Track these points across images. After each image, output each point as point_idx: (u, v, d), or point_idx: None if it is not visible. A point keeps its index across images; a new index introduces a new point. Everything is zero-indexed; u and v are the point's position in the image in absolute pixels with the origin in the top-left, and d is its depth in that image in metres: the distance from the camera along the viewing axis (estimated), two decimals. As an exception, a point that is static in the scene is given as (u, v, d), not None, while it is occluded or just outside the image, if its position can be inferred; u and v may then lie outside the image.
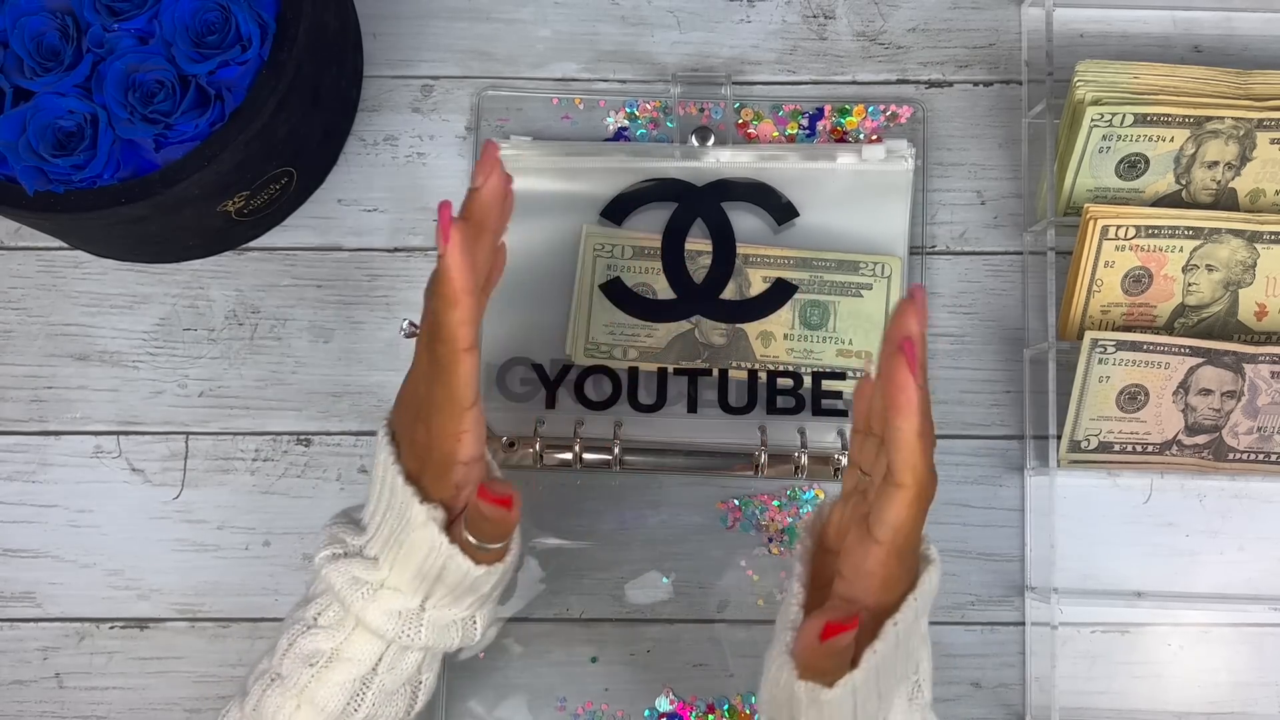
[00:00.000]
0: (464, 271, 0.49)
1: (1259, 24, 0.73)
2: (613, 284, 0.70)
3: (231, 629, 0.69)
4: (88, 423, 0.70)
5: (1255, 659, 0.68)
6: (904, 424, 0.47)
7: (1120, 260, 0.66)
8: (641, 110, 0.72)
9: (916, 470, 0.48)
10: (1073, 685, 0.68)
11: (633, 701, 0.68)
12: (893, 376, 0.47)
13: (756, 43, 0.73)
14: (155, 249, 0.70)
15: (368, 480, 0.56)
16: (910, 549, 0.51)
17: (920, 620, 0.52)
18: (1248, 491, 0.69)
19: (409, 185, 0.72)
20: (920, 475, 0.48)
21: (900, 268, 0.69)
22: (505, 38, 0.74)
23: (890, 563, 0.50)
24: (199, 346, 0.71)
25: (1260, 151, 0.66)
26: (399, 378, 0.70)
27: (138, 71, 0.61)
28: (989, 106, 0.73)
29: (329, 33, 0.66)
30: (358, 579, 0.53)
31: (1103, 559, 0.69)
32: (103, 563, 0.69)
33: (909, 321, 0.48)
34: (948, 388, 0.70)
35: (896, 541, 0.49)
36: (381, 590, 0.53)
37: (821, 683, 0.49)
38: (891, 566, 0.50)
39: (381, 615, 0.53)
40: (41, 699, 0.69)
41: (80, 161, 0.61)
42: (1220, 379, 0.65)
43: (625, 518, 0.69)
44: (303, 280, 0.71)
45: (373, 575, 0.53)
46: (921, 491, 0.49)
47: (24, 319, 0.71)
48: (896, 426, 0.47)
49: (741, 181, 0.71)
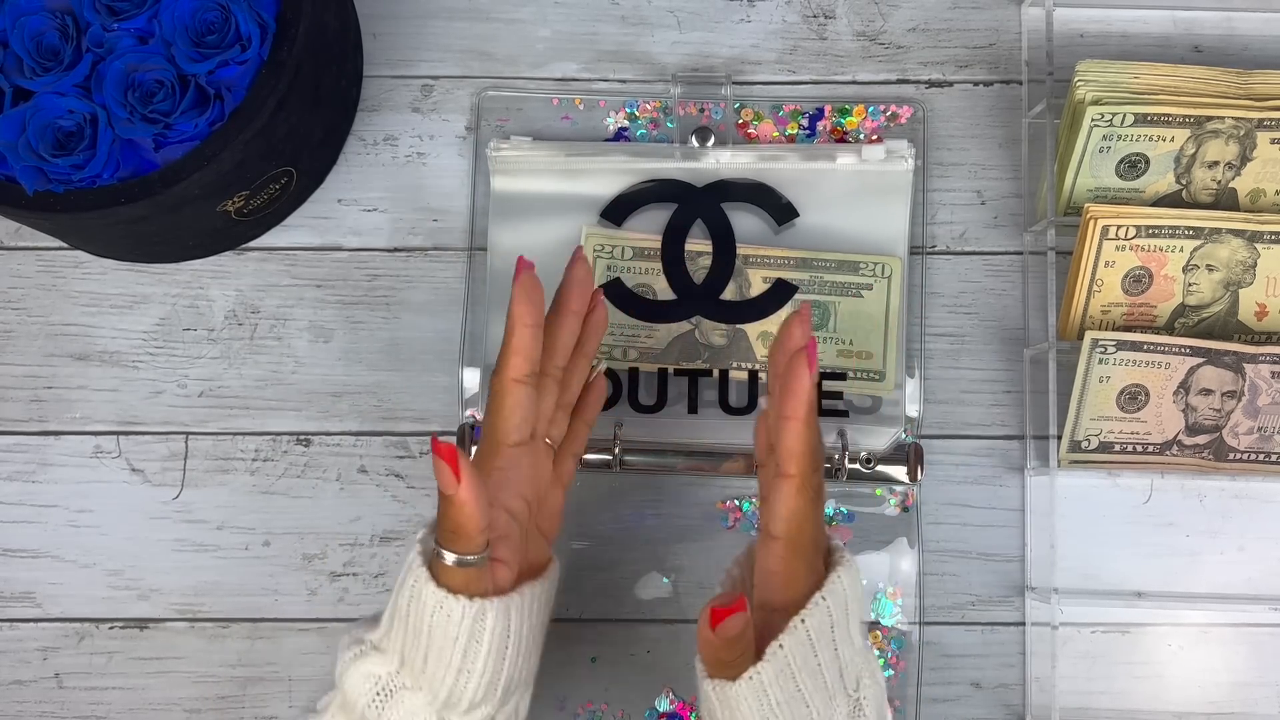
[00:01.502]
0: (478, 515, 0.49)
1: (1259, 24, 0.73)
2: (613, 285, 0.70)
3: (231, 629, 0.69)
4: (88, 423, 0.70)
5: (1255, 659, 0.68)
6: (793, 413, 0.50)
7: (1120, 260, 0.66)
8: (641, 110, 0.72)
9: (801, 459, 0.50)
10: (1073, 685, 0.68)
11: (633, 701, 0.68)
12: (792, 370, 0.51)
13: (756, 43, 0.73)
14: (155, 249, 0.70)
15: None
16: (807, 542, 0.52)
17: (848, 628, 0.51)
18: (1248, 491, 0.69)
19: (409, 185, 0.72)
20: (804, 464, 0.50)
21: (900, 268, 0.69)
22: (505, 38, 0.74)
23: (788, 557, 0.51)
24: (199, 346, 0.71)
25: (1260, 151, 0.66)
26: (399, 378, 0.70)
27: (137, 71, 0.61)
28: (989, 106, 0.73)
29: (329, 33, 0.66)
30: (370, 674, 0.51)
31: (1103, 559, 0.69)
32: (103, 563, 0.69)
33: (800, 331, 0.53)
34: (948, 388, 0.70)
35: (790, 533, 0.51)
36: (396, 694, 0.51)
37: (727, 678, 0.49)
38: (791, 562, 0.51)
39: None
40: (41, 699, 0.69)
41: (80, 161, 0.61)
42: (1220, 379, 0.65)
43: (625, 518, 0.69)
44: (303, 280, 0.71)
45: (382, 667, 0.51)
46: (806, 480, 0.50)
47: (24, 319, 0.71)
48: (786, 416, 0.50)
49: (741, 182, 0.71)
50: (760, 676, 0.48)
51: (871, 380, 0.69)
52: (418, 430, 0.70)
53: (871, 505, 0.69)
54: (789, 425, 0.50)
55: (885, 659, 0.67)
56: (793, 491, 0.50)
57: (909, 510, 0.69)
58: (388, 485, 0.70)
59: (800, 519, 0.51)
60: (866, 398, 0.69)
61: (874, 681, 0.53)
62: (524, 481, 0.56)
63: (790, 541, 0.51)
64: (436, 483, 0.49)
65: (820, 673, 0.50)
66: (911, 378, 0.70)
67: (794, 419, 0.50)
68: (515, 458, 0.55)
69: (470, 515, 0.49)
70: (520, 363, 0.54)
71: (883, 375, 0.69)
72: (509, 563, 0.54)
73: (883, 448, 0.68)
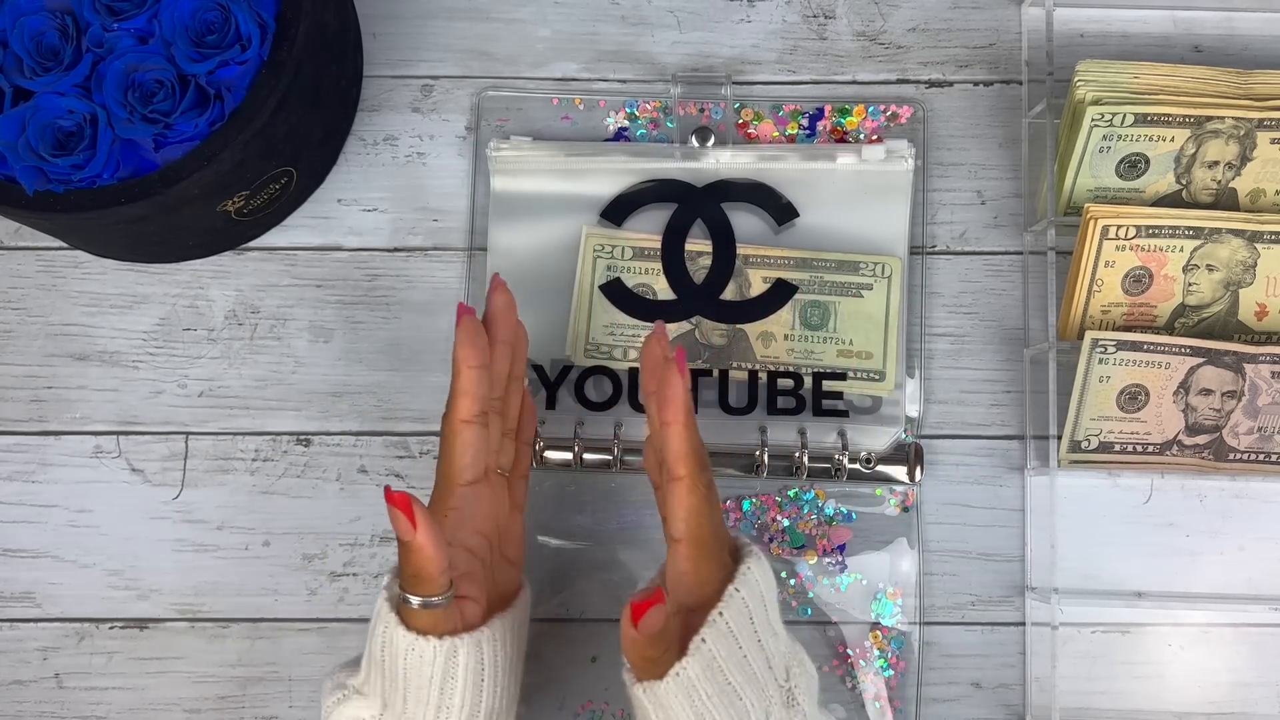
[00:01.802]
0: (437, 558, 0.51)
1: (1259, 24, 0.73)
2: (613, 284, 0.70)
3: (231, 629, 0.69)
4: (88, 423, 0.70)
5: (1255, 659, 0.68)
6: (672, 418, 0.52)
7: (1120, 260, 0.66)
8: (641, 110, 0.72)
9: (688, 459, 0.52)
10: (1073, 685, 0.68)
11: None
12: (665, 379, 0.52)
13: (756, 43, 0.73)
14: (155, 249, 0.70)
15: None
16: (711, 540, 0.53)
17: (767, 618, 0.52)
18: (1248, 491, 0.69)
19: (409, 185, 0.72)
20: (692, 464, 0.52)
21: (900, 268, 0.69)
22: (505, 38, 0.74)
23: (695, 556, 0.52)
24: (199, 346, 0.71)
25: (1261, 151, 0.66)
26: (399, 378, 0.70)
27: (137, 71, 0.61)
28: (989, 106, 0.73)
29: (329, 33, 0.66)
30: (354, 718, 0.54)
31: (1103, 559, 0.69)
32: (102, 563, 0.69)
33: (659, 346, 0.55)
34: (948, 388, 0.70)
35: (691, 532, 0.52)
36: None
37: (654, 677, 0.50)
38: (698, 560, 0.52)
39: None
40: (41, 699, 0.69)
41: (80, 161, 0.61)
42: (1221, 379, 0.65)
43: (625, 518, 0.69)
44: (303, 280, 0.71)
45: (366, 711, 0.53)
46: (696, 479, 0.52)
47: (24, 319, 0.71)
48: (666, 421, 0.52)
49: (741, 182, 0.71)
50: (687, 671, 0.49)
51: (871, 380, 0.69)
52: (418, 430, 0.70)
53: (871, 505, 0.69)
54: (671, 430, 0.52)
55: (885, 659, 0.67)
56: (685, 491, 0.52)
57: (909, 510, 0.69)
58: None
59: (698, 516, 0.52)
60: (866, 398, 0.69)
61: (803, 671, 0.54)
62: (482, 517, 0.58)
63: (693, 540, 0.52)
64: (393, 530, 0.51)
65: (747, 664, 0.51)
66: (911, 378, 0.70)
67: (674, 423, 0.52)
68: (470, 496, 0.57)
69: (429, 559, 0.50)
70: (469, 404, 0.56)
71: (883, 375, 0.69)
72: (476, 598, 0.55)
73: (883, 448, 0.68)
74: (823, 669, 0.67)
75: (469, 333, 0.56)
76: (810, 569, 0.68)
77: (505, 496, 0.61)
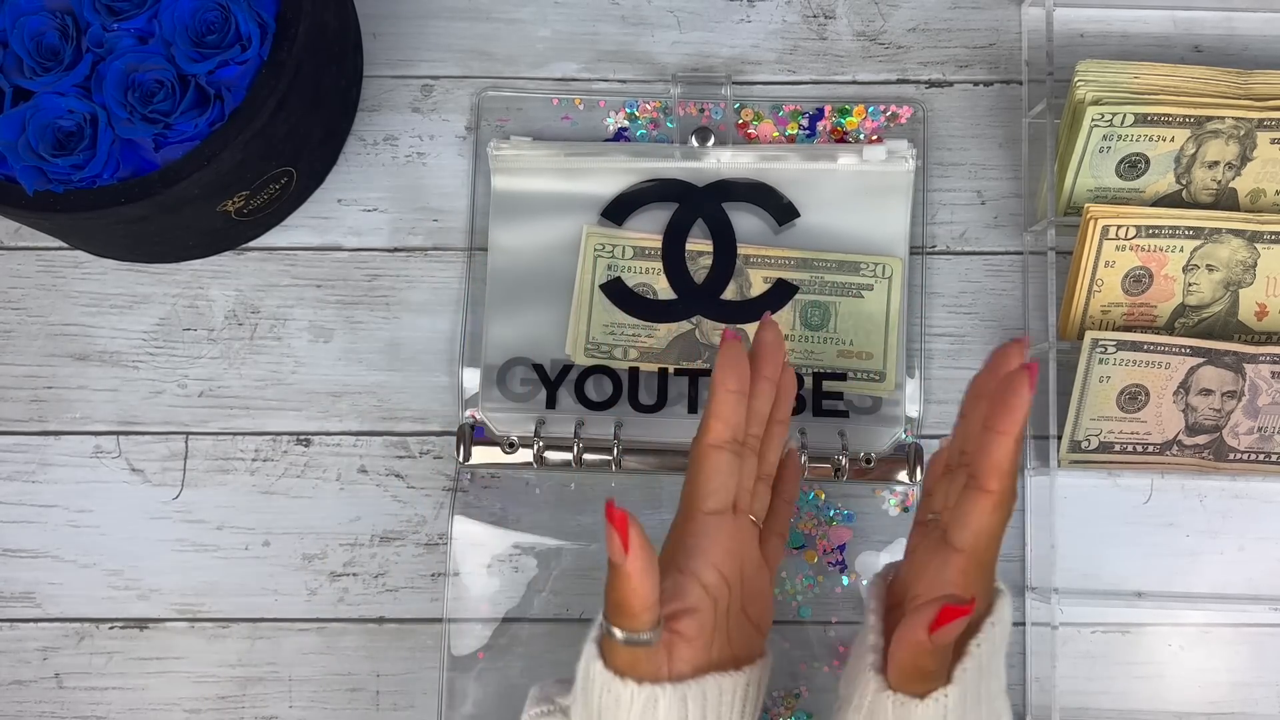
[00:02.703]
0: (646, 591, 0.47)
1: (1259, 24, 0.73)
2: (613, 284, 0.70)
3: (231, 629, 0.69)
4: (87, 423, 0.70)
5: (1255, 659, 0.68)
6: (1008, 429, 0.48)
7: (1120, 260, 0.66)
8: (641, 110, 0.72)
9: (1006, 477, 0.48)
10: (1073, 685, 0.68)
11: (633, 702, 0.68)
12: (1011, 384, 0.48)
13: (756, 43, 0.73)
14: (155, 249, 0.70)
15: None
16: (989, 561, 0.50)
17: (997, 660, 0.50)
18: (1248, 492, 0.69)
19: (409, 185, 0.72)
20: (1007, 482, 0.48)
21: (901, 268, 0.69)
22: (505, 38, 0.74)
23: (971, 571, 0.49)
24: (199, 346, 0.71)
25: (1260, 151, 0.66)
26: (399, 378, 0.70)
27: (137, 71, 0.61)
28: (989, 106, 0.73)
29: (329, 33, 0.66)
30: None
31: (1103, 559, 0.69)
32: (102, 563, 0.69)
33: (1017, 353, 0.52)
34: (948, 388, 0.70)
35: (978, 549, 0.49)
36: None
37: (912, 694, 0.47)
38: (972, 576, 0.49)
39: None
40: (41, 699, 0.69)
41: (80, 161, 0.61)
42: (1221, 379, 0.65)
43: (625, 518, 0.69)
44: (302, 280, 0.71)
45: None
46: (1003, 500, 0.49)
47: (24, 319, 0.71)
48: (1000, 430, 0.48)
49: (742, 182, 0.71)
50: (947, 700, 0.47)
51: (872, 380, 0.69)
52: (418, 430, 0.70)
53: (871, 505, 0.69)
54: (1000, 439, 0.48)
55: (885, 659, 0.67)
56: (990, 507, 0.48)
57: (909, 510, 0.69)
58: (388, 485, 0.70)
59: (990, 537, 0.49)
60: (867, 398, 0.69)
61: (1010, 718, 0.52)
62: (722, 554, 0.53)
63: (974, 556, 0.49)
64: (607, 549, 0.47)
65: (979, 705, 0.48)
66: (912, 378, 0.70)
67: (1008, 434, 0.48)
68: (713, 526, 0.53)
69: (636, 590, 0.46)
70: (720, 428, 0.53)
71: (883, 375, 0.69)
72: (693, 641, 0.50)
73: (883, 448, 0.68)
74: (823, 669, 0.67)
75: (731, 356, 0.53)
76: (810, 569, 0.68)
77: (754, 546, 0.56)
